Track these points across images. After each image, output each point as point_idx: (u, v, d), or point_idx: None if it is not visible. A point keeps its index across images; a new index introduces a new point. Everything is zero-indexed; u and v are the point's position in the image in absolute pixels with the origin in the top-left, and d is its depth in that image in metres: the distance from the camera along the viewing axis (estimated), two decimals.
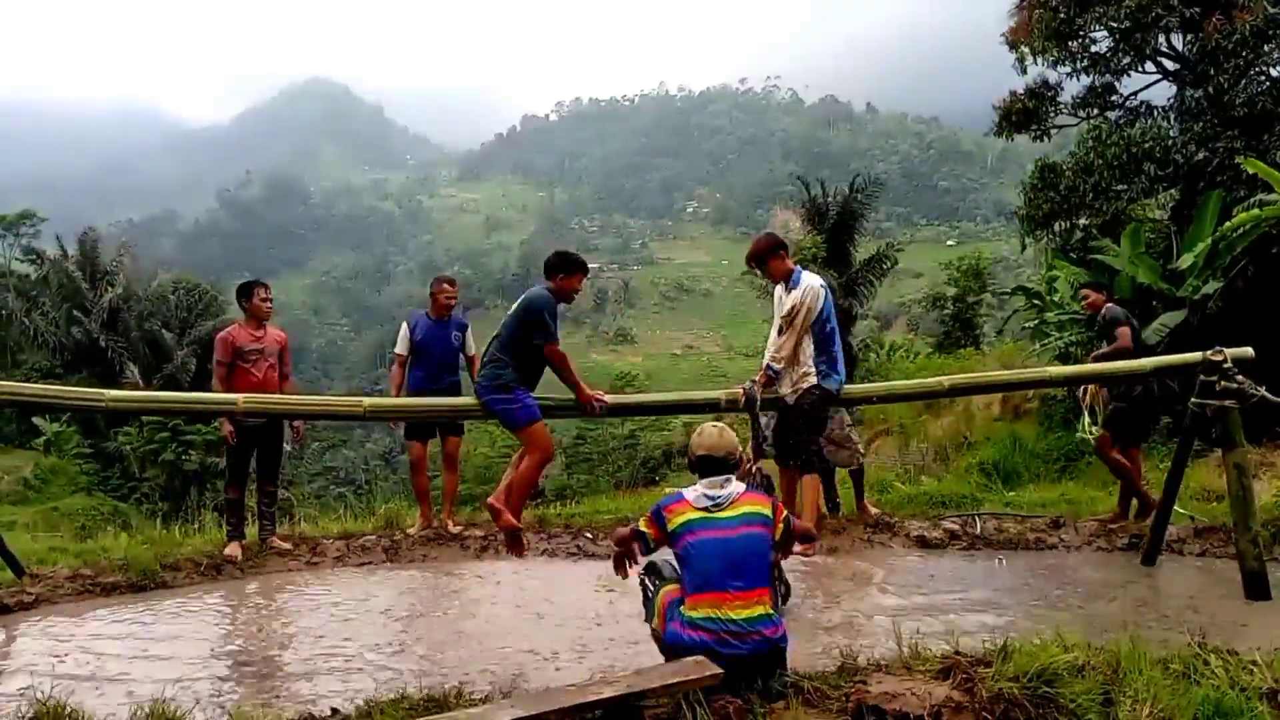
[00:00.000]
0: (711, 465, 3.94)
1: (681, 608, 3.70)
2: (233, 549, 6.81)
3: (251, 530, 7.23)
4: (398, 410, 6.75)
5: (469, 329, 7.59)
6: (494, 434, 25.08)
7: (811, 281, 5.70)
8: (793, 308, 5.62)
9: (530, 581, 6.28)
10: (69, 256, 33.31)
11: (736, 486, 3.89)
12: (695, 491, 3.87)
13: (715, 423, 4.24)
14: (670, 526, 3.80)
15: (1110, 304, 7.72)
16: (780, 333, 5.76)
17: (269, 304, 7.15)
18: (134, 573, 6.27)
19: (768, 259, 5.77)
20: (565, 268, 5.63)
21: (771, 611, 3.66)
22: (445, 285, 7.55)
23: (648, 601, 3.99)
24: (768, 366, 5.77)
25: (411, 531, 7.31)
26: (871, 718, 3.34)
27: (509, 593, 6.07)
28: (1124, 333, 7.27)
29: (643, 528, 3.94)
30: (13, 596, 5.79)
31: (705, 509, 3.78)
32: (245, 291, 7.15)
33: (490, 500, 5.62)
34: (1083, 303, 7.84)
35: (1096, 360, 7.30)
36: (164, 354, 31.18)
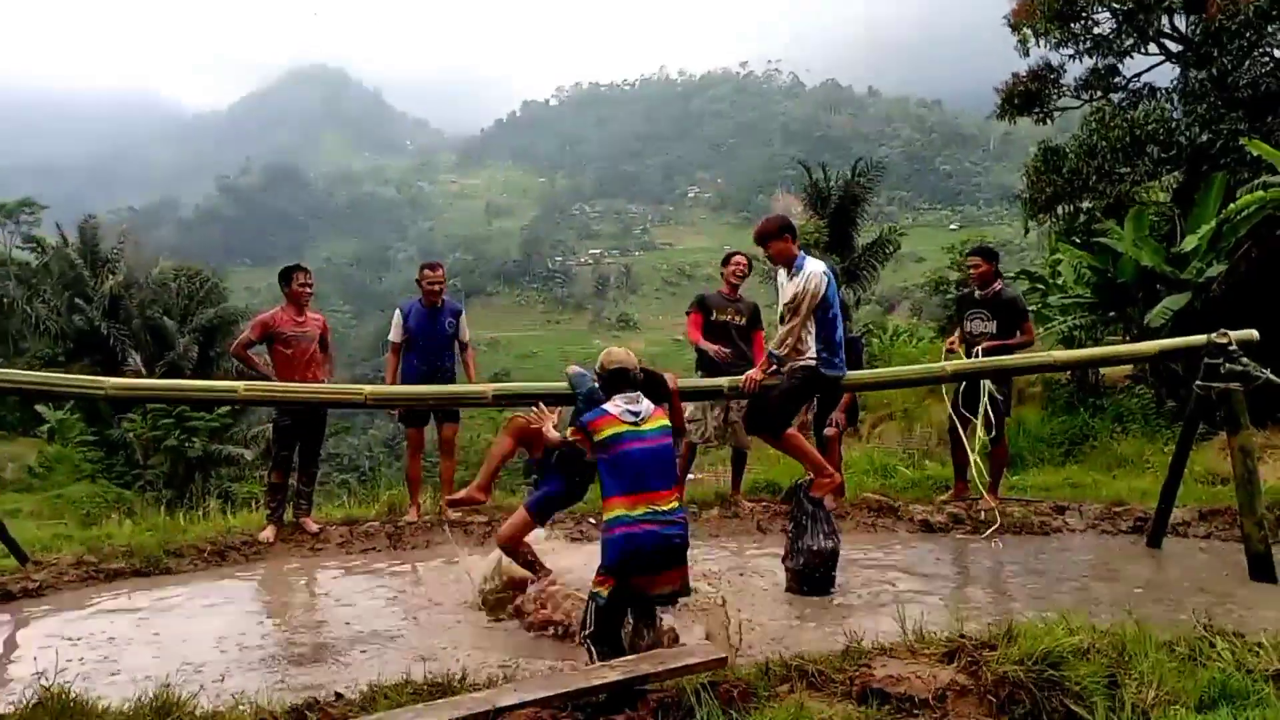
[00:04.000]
0: (624, 380, 4.50)
1: (619, 510, 4.18)
2: (268, 532, 6.86)
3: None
4: (399, 398, 6.73)
5: (463, 315, 7.56)
6: (499, 421, 25.05)
7: (815, 267, 5.60)
8: (795, 295, 5.54)
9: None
10: (69, 244, 33.20)
11: (647, 403, 4.44)
12: (618, 407, 4.37)
13: (619, 347, 4.86)
14: (599, 437, 4.29)
15: (1007, 285, 7.65)
16: (783, 320, 5.69)
17: (309, 289, 7.17)
18: (138, 559, 6.27)
19: (771, 240, 5.69)
20: None
21: (682, 503, 4.44)
22: (426, 271, 7.50)
23: (597, 605, 4.23)
24: (770, 354, 5.71)
25: (406, 519, 7.31)
26: (876, 701, 3.33)
27: (514, 582, 6.05)
28: (1029, 327, 7.40)
29: (570, 437, 4.49)
30: (17, 584, 5.80)
31: (631, 423, 4.30)
32: (285, 277, 7.14)
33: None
34: (971, 271, 7.66)
35: (994, 352, 7.12)
36: (166, 341, 31.15)
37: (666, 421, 4.44)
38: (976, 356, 7.13)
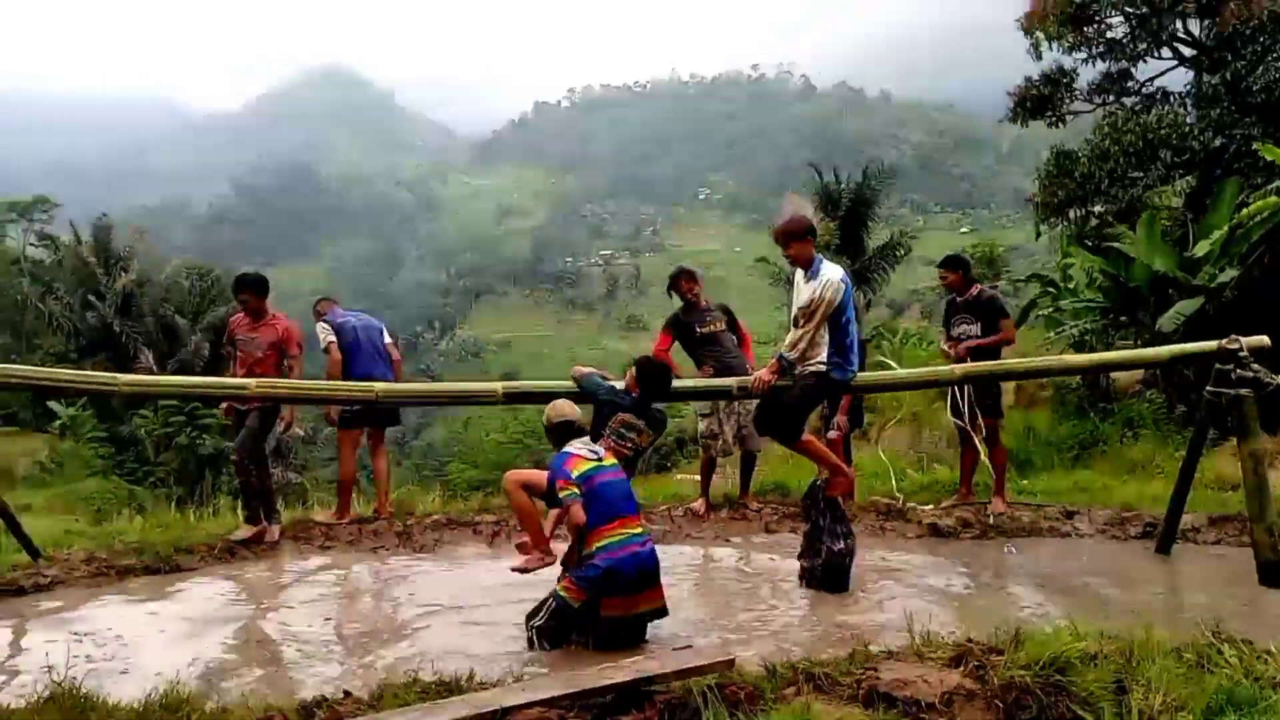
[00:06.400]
0: (572, 429, 5.07)
1: (602, 540, 4.58)
2: (272, 531, 6.90)
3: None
4: (410, 396, 6.76)
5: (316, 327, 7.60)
6: (505, 420, 25.07)
7: (832, 274, 5.58)
8: (811, 301, 5.50)
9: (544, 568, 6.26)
10: (83, 242, 33.38)
11: (599, 446, 5.00)
12: (580, 448, 4.88)
13: (563, 399, 5.32)
14: (575, 475, 4.72)
15: (986, 287, 7.68)
16: (797, 324, 5.66)
17: (243, 303, 7.25)
18: (148, 556, 6.31)
19: (794, 241, 5.67)
20: None
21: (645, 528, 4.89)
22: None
23: (558, 605, 4.62)
24: (780, 357, 5.67)
25: (325, 518, 7.34)
26: (882, 704, 3.33)
27: (521, 577, 6.07)
28: (1009, 324, 7.46)
29: (568, 490, 4.71)
30: (29, 579, 5.84)
31: (595, 461, 4.81)
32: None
33: None
34: (942, 283, 7.74)
35: (975, 348, 7.21)
36: (178, 339, 31.24)
37: (614, 459, 4.97)
38: (957, 360, 7.20)
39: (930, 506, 7.58)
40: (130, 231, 35.90)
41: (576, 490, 4.66)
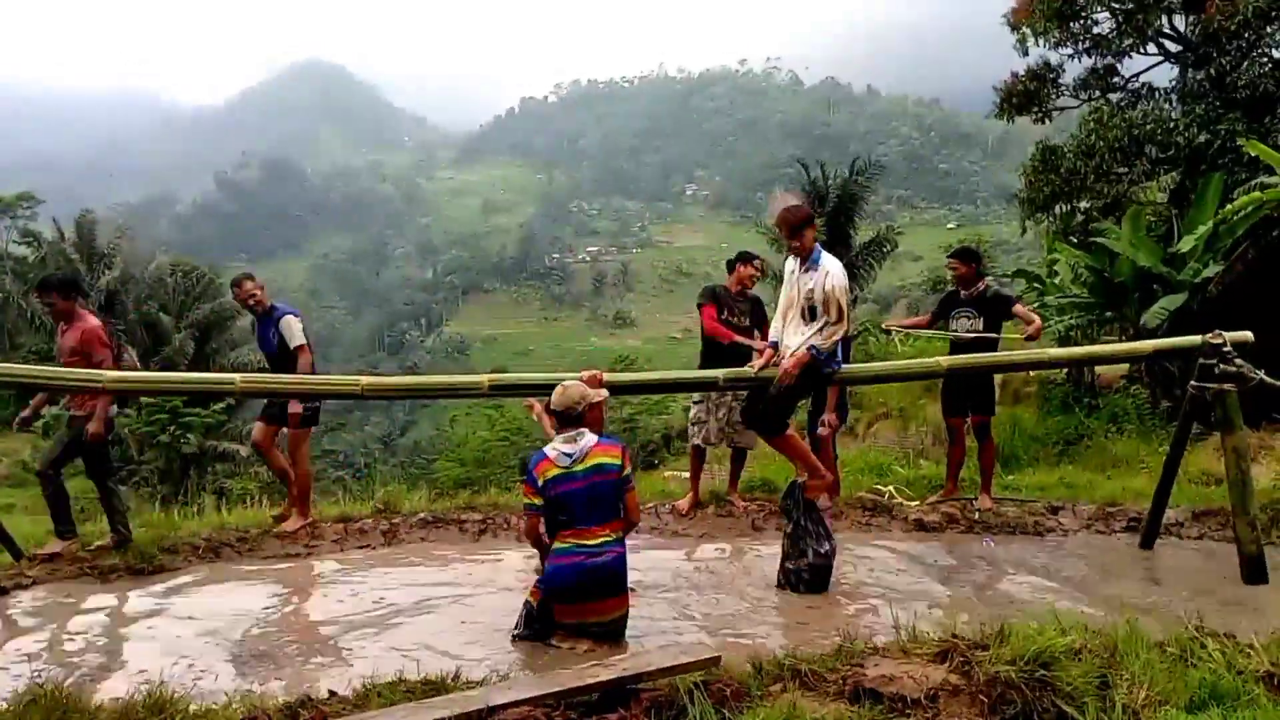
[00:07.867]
0: (567, 419, 4.76)
1: (556, 544, 4.60)
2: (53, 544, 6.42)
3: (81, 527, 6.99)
4: (396, 390, 6.72)
5: (284, 320, 7.03)
6: (492, 417, 24.96)
7: (837, 265, 5.60)
8: (824, 295, 5.45)
9: (528, 563, 6.26)
10: (66, 239, 33.15)
11: (589, 440, 4.69)
12: (555, 450, 4.67)
13: (566, 382, 4.92)
14: (540, 482, 4.62)
15: (992, 282, 7.65)
16: (808, 316, 5.59)
17: (50, 306, 6.75)
18: (132, 556, 6.26)
19: (803, 229, 5.64)
20: None
21: (619, 536, 4.66)
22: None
23: (526, 611, 4.72)
24: (812, 348, 5.48)
25: (289, 525, 7.00)
26: (868, 700, 3.34)
27: (506, 576, 6.07)
28: (1022, 309, 7.37)
29: (530, 500, 4.70)
30: (11, 579, 5.79)
31: (565, 466, 4.60)
32: None
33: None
34: (952, 274, 7.65)
35: (980, 343, 7.17)
36: (162, 337, 31.08)
37: (605, 459, 4.65)
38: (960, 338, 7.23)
39: (916, 502, 7.60)
40: (114, 228, 35.67)
41: (538, 502, 4.64)
